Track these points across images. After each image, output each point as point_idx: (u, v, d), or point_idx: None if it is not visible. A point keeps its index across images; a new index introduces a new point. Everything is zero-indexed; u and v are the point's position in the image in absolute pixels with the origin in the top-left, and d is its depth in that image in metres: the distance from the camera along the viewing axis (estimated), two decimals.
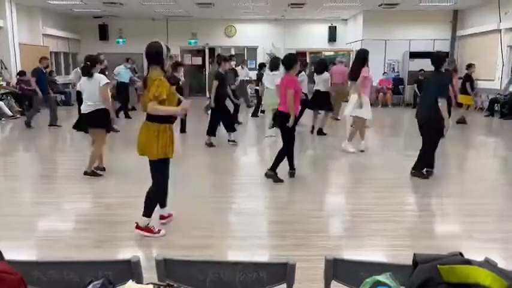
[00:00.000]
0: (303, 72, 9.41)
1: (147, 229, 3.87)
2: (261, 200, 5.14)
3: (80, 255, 3.47)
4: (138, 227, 3.87)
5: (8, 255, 1.38)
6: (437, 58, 5.81)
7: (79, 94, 7.08)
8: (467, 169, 7.01)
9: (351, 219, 4.50)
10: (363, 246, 3.78)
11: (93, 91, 5.75)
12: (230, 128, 8.28)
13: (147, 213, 3.87)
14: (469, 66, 11.32)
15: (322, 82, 9.31)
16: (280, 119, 5.68)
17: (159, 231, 3.91)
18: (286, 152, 5.74)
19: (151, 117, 3.69)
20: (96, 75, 5.82)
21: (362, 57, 7.31)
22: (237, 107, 10.08)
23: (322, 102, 9.31)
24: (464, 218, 4.55)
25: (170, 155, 3.78)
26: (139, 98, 3.90)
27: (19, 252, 3.59)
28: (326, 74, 9.47)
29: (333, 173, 6.64)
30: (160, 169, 3.81)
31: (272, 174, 5.73)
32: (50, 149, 8.61)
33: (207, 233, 3.96)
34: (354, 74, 7.32)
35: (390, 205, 4.84)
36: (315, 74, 9.69)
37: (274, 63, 8.67)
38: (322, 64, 9.81)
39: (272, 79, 8.61)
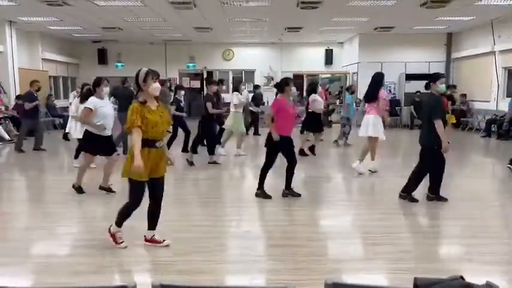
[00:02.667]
0: (313, 94, 9.69)
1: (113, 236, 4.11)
2: (260, 223, 5.10)
3: (77, 281, 3.41)
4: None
5: (2, 282, 1.35)
6: (430, 77, 5.74)
7: None
8: (466, 190, 6.98)
9: (350, 241, 4.46)
10: (362, 269, 3.73)
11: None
12: (211, 151, 8.46)
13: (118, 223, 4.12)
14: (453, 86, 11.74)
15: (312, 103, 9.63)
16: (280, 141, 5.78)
17: (121, 243, 4.10)
18: (292, 169, 5.92)
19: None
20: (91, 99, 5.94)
21: (379, 80, 7.53)
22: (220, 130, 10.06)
23: (313, 123, 9.60)
24: (464, 240, 4.51)
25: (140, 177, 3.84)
26: None
27: (14, 279, 3.53)
28: (314, 96, 9.69)
29: (331, 194, 6.60)
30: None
31: (288, 192, 5.97)
32: (45, 172, 8.57)
33: (205, 258, 3.91)
34: (371, 95, 7.48)
35: (390, 227, 4.80)
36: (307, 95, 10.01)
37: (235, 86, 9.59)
38: (311, 86, 10.25)
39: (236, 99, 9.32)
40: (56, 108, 15.39)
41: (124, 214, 4.06)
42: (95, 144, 6.01)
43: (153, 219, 4.15)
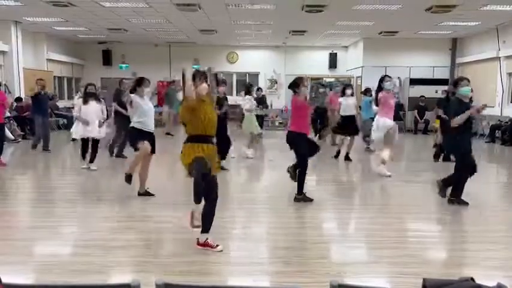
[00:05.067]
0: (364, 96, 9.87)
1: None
2: (264, 225, 5.07)
3: (79, 280, 3.40)
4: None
5: (5, 280, 1.34)
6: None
7: None
8: (471, 196, 6.94)
9: (355, 245, 4.43)
10: (367, 272, 3.70)
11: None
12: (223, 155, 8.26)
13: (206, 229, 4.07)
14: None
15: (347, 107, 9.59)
16: (292, 138, 5.84)
17: (216, 246, 4.04)
18: (304, 171, 5.82)
19: None
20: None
21: (379, 83, 7.66)
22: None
23: (347, 126, 9.50)
24: (470, 245, 4.48)
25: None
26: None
27: (16, 277, 3.52)
28: (352, 98, 9.68)
29: (338, 197, 6.57)
30: None
31: (301, 197, 5.85)
32: (49, 172, 8.58)
33: (208, 259, 3.89)
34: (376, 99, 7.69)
35: (395, 231, 4.77)
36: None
37: (247, 89, 9.67)
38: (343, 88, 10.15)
39: (250, 104, 9.39)
40: (59, 109, 15.43)
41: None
42: (139, 140, 5.98)
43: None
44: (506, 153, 11.23)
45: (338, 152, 9.49)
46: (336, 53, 18.64)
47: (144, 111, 6.00)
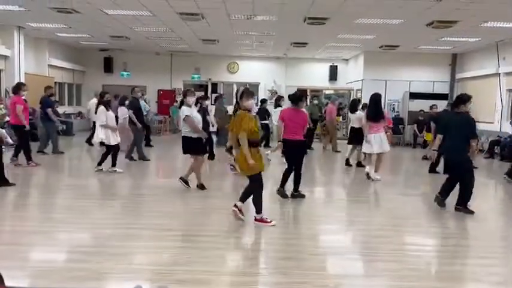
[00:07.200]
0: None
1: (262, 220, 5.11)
2: (263, 235, 5.05)
3: (79, 286, 3.37)
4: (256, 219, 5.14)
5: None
6: (457, 99, 6.39)
7: None
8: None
9: (353, 257, 4.40)
10: (366, 286, 3.68)
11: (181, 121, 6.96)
12: None
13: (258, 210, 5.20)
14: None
15: (356, 120, 10.11)
16: (302, 146, 6.67)
17: (271, 221, 5.13)
18: (289, 171, 6.59)
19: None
20: (183, 107, 6.89)
21: (380, 100, 8.37)
22: None
23: (357, 137, 9.89)
24: (471, 260, 4.45)
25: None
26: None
27: (14, 283, 3.48)
28: (360, 113, 10.08)
29: (337, 210, 6.56)
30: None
31: (281, 189, 6.61)
32: (49, 177, 8.55)
33: (207, 268, 3.86)
34: (380, 115, 8.26)
35: (394, 244, 4.75)
36: (349, 112, 10.98)
37: (276, 102, 11.22)
38: (354, 104, 10.85)
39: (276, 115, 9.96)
40: (59, 115, 15.41)
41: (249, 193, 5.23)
42: (200, 145, 6.91)
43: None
44: (505, 169, 11.19)
45: (347, 160, 10.08)
46: (336, 66, 18.73)
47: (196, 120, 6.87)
